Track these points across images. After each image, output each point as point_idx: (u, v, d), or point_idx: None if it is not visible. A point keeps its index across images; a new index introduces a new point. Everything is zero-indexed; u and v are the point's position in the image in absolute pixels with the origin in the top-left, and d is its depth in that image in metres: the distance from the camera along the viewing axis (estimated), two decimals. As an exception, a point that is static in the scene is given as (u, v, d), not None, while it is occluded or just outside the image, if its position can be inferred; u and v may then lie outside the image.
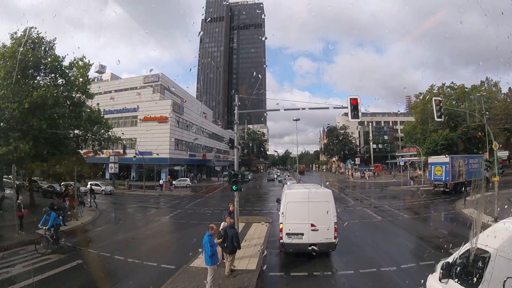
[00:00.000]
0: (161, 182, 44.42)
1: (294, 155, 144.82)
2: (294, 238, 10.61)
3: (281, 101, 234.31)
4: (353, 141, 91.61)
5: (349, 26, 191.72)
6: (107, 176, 52.04)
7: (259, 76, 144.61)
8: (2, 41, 20.00)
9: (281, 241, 10.86)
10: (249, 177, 61.29)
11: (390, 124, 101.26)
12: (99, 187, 35.78)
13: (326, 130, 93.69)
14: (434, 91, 55.06)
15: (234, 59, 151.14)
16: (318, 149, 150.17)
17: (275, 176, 65.52)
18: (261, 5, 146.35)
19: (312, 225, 10.50)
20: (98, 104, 28.78)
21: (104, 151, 43.72)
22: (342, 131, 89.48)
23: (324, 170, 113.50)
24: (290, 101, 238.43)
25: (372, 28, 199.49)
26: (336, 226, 10.62)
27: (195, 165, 63.35)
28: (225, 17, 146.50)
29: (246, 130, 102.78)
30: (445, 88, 56.11)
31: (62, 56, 21.59)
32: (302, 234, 10.55)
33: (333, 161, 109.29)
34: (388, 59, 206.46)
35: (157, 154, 50.60)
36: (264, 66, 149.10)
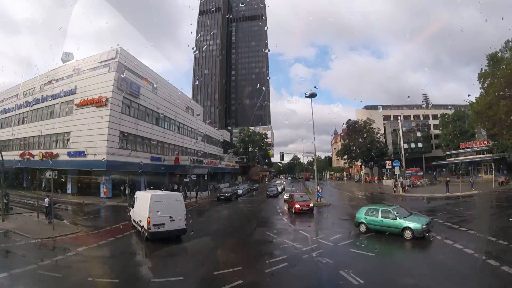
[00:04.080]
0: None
1: (310, 162, 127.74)
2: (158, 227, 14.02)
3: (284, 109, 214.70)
4: (381, 139, 71.50)
5: (346, 29, 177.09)
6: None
7: (263, 71, 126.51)
8: None
9: (148, 230, 13.96)
10: (241, 191, 42.19)
11: (421, 118, 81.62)
12: None
13: (345, 126, 73.44)
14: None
15: (233, 53, 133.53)
16: (330, 155, 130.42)
17: (279, 188, 45.89)
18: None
19: (171, 217, 14.26)
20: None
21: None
22: (367, 126, 69.43)
23: (345, 178, 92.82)
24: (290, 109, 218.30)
25: (370, 31, 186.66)
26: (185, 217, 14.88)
27: (166, 173, 44.54)
28: (221, 8, 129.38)
29: (245, 131, 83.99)
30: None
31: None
32: (164, 224, 14.13)
33: (352, 166, 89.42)
34: (391, 62, 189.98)
35: (95, 154, 32.14)
36: (267, 50, 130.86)
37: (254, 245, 14.83)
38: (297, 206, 23.45)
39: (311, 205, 24.08)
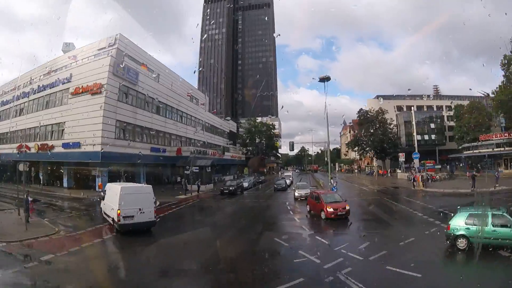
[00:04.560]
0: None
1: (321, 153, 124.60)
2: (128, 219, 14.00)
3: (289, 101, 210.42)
4: (393, 130, 68.03)
5: (352, 20, 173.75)
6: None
7: (271, 61, 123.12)
8: None
9: (118, 222, 13.99)
10: (246, 184, 39.69)
11: (435, 108, 77.74)
12: None
13: (357, 116, 69.80)
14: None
15: (239, 43, 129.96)
16: (339, 147, 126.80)
17: (288, 181, 42.98)
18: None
19: (140, 209, 14.26)
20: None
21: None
22: (379, 117, 65.96)
23: (356, 170, 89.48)
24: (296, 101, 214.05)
25: (377, 22, 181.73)
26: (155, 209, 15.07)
27: (168, 165, 42.30)
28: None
29: (252, 122, 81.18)
30: None
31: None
32: (133, 216, 14.12)
33: (363, 158, 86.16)
34: (398, 54, 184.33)
35: (90, 145, 29.96)
36: (276, 35, 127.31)
37: (260, 259, 11.51)
38: (330, 210, 17.18)
39: (347, 207, 17.84)
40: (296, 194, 26.96)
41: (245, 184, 38.60)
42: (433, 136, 71.14)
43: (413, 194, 30.22)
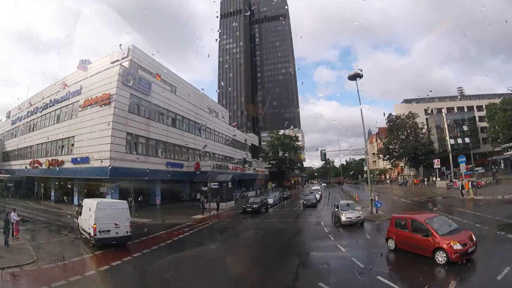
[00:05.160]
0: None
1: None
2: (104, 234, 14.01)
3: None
4: (425, 135, 62.47)
5: (367, 27, 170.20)
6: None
7: (290, 71, 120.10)
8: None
9: (95, 237, 13.88)
10: (272, 201, 35.56)
11: (465, 109, 71.39)
12: None
13: (386, 122, 64.57)
14: None
15: (257, 55, 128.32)
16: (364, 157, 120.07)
17: (317, 196, 38.20)
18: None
19: (116, 224, 14.27)
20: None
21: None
22: (410, 121, 60.72)
23: (388, 181, 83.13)
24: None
25: (391, 28, 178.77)
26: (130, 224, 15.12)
27: (187, 181, 39.13)
28: (242, 10, 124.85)
29: (274, 134, 77.48)
30: None
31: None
32: (109, 231, 14.13)
33: (394, 168, 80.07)
34: (416, 58, 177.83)
35: (99, 160, 27.18)
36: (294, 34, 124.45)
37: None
38: (457, 246, 9.98)
39: (474, 238, 10.70)
40: (344, 218, 19.12)
41: (270, 201, 34.45)
42: (466, 139, 65.19)
43: (465, 204, 25.38)
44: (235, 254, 14.37)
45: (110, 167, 26.13)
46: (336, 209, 21.21)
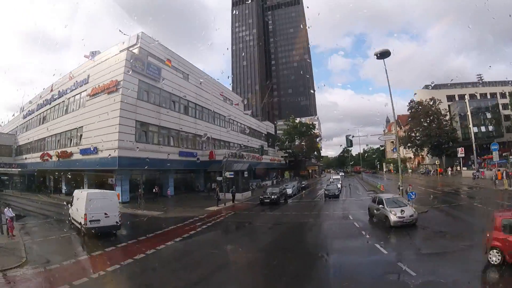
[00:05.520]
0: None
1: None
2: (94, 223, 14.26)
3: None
4: (449, 123, 59.07)
5: (382, 14, 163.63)
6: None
7: (305, 58, 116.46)
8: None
9: (85, 226, 14.15)
10: (290, 191, 33.38)
11: (488, 96, 67.03)
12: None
13: (408, 109, 60.94)
14: None
15: (271, 42, 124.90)
16: (382, 146, 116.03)
17: (339, 186, 35.26)
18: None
19: (105, 214, 14.55)
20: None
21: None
22: (433, 107, 57.25)
23: (410, 170, 79.28)
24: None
25: (405, 14, 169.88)
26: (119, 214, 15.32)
27: (201, 171, 37.44)
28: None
29: (290, 122, 74.93)
30: None
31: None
32: (99, 220, 14.40)
33: (415, 156, 76.16)
34: (432, 46, 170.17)
35: (109, 151, 25.72)
36: (308, 26, 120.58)
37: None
38: None
39: None
40: (395, 217, 14.57)
41: (289, 191, 32.27)
42: (490, 128, 61.98)
43: (502, 196, 22.64)
44: (255, 258, 11.72)
45: (118, 157, 24.67)
46: (379, 206, 16.21)
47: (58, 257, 11.14)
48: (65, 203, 18.89)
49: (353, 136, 26.43)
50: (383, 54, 23.98)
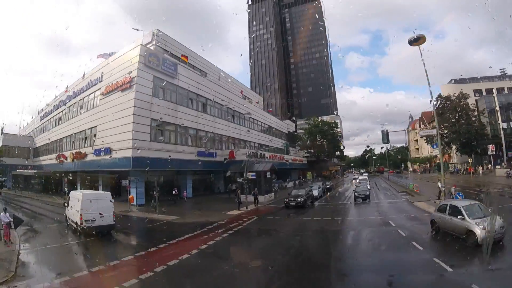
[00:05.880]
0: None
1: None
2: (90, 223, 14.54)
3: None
4: (477, 118, 54.68)
5: (398, 9, 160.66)
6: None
7: (325, 55, 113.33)
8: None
9: (81, 225, 14.44)
10: (316, 193, 30.87)
11: None
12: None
13: (435, 103, 56.60)
14: None
15: (289, 40, 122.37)
16: (405, 145, 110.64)
17: (368, 187, 32.08)
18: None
19: (100, 214, 14.83)
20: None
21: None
22: (461, 102, 53.10)
23: (437, 170, 74.63)
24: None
25: (424, 9, 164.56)
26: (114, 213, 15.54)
27: (221, 172, 35.41)
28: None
29: (312, 121, 72.17)
30: None
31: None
32: (94, 220, 14.66)
33: (444, 154, 71.30)
34: (451, 41, 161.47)
35: (124, 150, 24.24)
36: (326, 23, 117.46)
37: None
38: None
39: None
40: (483, 232, 10.32)
41: (315, 193, 29.80)
42: None
43: None
44: (288, 281, 9.03)
45: (132, 157, 23.02)
46: (454, 217, 11.95)
47: (52, 272, 9.34)
48: (63, 203, 18.37)
49: (387, 131, 23.52)
50: (418, 39, 21.51)
